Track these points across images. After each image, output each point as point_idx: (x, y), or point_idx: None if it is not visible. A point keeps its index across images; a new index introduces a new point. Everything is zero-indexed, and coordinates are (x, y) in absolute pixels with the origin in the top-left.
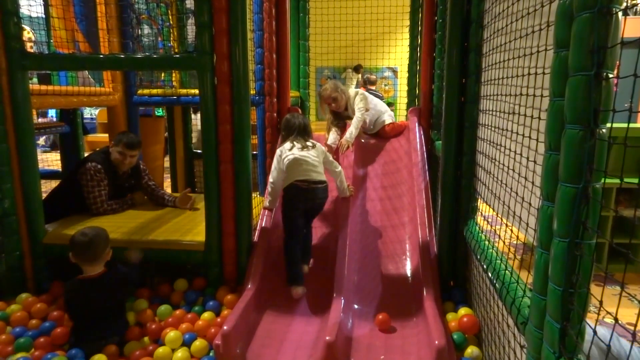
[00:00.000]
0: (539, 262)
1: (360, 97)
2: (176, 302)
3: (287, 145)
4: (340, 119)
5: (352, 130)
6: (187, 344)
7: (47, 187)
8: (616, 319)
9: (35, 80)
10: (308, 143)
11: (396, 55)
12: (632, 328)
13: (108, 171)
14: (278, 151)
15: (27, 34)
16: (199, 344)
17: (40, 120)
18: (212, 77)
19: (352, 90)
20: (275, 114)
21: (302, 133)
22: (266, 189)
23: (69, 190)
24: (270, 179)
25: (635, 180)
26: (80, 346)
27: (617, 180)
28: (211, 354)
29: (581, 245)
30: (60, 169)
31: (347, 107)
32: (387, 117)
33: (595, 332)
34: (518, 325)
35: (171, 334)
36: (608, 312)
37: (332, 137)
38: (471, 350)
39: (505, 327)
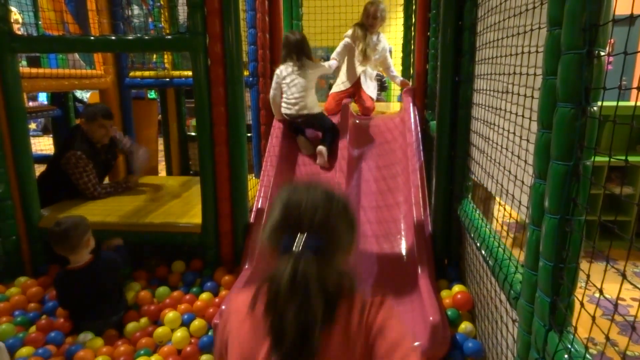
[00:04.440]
0: (530, 239)
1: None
2: (174, 283)
3: (283, 66)
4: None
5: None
6: (185, 324)
7: (40, 171)
8: (601, 291)
9: (24, 63)
10: (302, 63)
11: (390, 34)
12: (621, 304)
13: (88, 152)
14: (277, 71)
15: (15, 15)
16: (197, 323)
17: (30, 104)
18: (205, 59)
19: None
20: (269, 95)
21: (299, 51)
22: None
23: (56, 175)
24: (270, 96)
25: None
26: (79, 327)
27: (608, 158)
28: (210, 333)
29: (571, 222)
30: (53, 153)
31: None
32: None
33: None
34: (510, 300)
35: (170, 315)
36: (597, 287)
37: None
38: (465, 325)
39: (498, 303)
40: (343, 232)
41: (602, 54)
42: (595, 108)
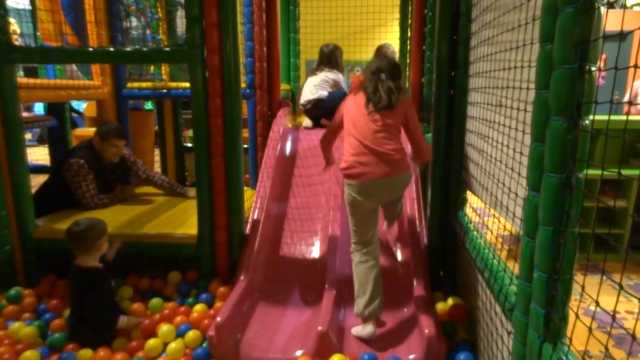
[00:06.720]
0: (525, 250)
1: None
2: (169, 294)
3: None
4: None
5: None
6: (180, 335)
7: (36, 181)
8: (597, 303)
9: (21, 73)
10: (322, 69)
11: None
12: (617, 315)
13: (93, 165)
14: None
15: (13, 26)
16: (192, 334)
17: (25, 114)
18: (203, 70)
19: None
20: (265, 108)
21: (326, 61)
22: None
23: (57, 185)
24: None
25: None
26: (72, 336)
27: (601, 171)
28: (204, 345)
29: (565, 233)
30: (49, 164)
31: None
32: None
33: None
34: (505, 312)
35: (164, 328)
36: (593, 299)
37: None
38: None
39: (493, 315)
40: (400, 73)
41: (593, 69)
42: (587, 122)
